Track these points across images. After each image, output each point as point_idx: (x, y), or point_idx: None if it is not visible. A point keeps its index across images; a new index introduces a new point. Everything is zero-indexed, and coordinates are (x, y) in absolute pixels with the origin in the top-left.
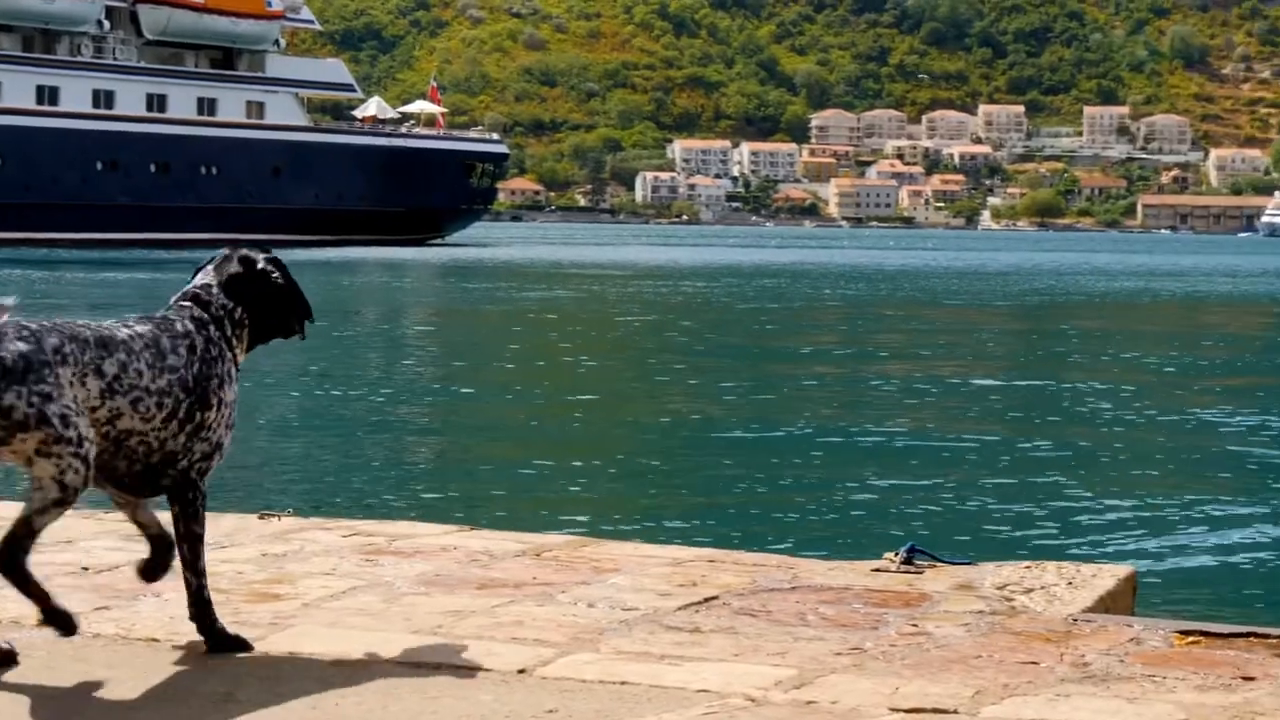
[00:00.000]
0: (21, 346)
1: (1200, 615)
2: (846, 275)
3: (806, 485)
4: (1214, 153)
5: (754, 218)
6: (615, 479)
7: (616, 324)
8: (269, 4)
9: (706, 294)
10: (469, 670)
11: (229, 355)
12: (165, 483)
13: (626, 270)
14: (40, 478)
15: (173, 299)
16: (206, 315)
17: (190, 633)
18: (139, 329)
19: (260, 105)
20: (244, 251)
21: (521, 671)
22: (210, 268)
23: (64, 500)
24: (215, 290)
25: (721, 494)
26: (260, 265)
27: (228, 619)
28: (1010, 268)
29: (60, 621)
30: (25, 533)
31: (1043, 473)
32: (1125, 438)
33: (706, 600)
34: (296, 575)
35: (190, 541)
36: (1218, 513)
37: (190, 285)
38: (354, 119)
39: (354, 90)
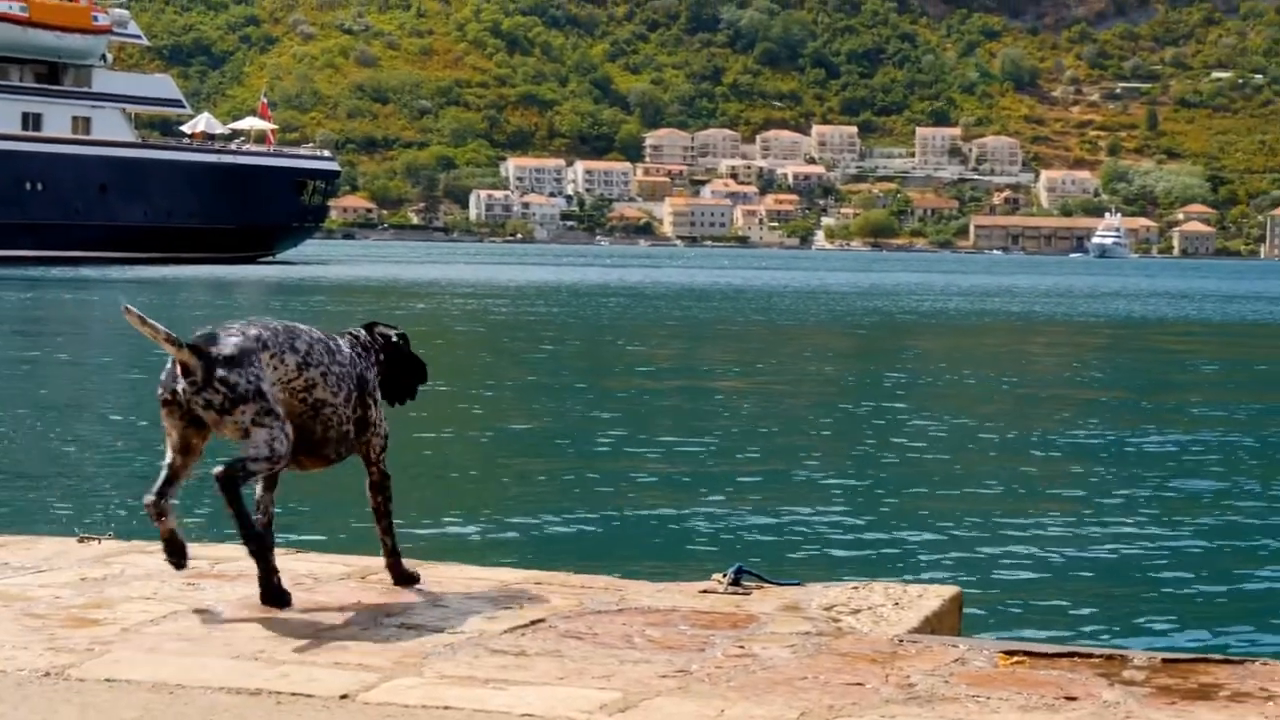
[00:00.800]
0: (237, 339)
1: (1026, 635)
2: (682, 294)
3: (636, 506)
4: (1044, 174)
5: (591, 236)
6: (443, 500)
7: (449, 342)
8: (95, 18)
9: (543, 312)
10: (290, 696)
11: (375, 370)
12: (370, 475)
13: (461, 288)
14: (256, 443)
15: None
16: (358, 342)
17: (11, 657)
18: (312, 328)
19: (87, 120)
20: (380, 327)
21: (344, 697)
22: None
23: (272, 461)
24: (364, 335)
25: (550, 515)
26: (393, 337)
27: (43, 645)
28: (847, 287)
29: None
30: (241, 468)
31: (872, 493)
32: (955, 458)
33: (533, 623)
34: (116, 600)
35: (389, 518)
36: (1044, 533)
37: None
38: (183, 135)
39: (183, 106)
